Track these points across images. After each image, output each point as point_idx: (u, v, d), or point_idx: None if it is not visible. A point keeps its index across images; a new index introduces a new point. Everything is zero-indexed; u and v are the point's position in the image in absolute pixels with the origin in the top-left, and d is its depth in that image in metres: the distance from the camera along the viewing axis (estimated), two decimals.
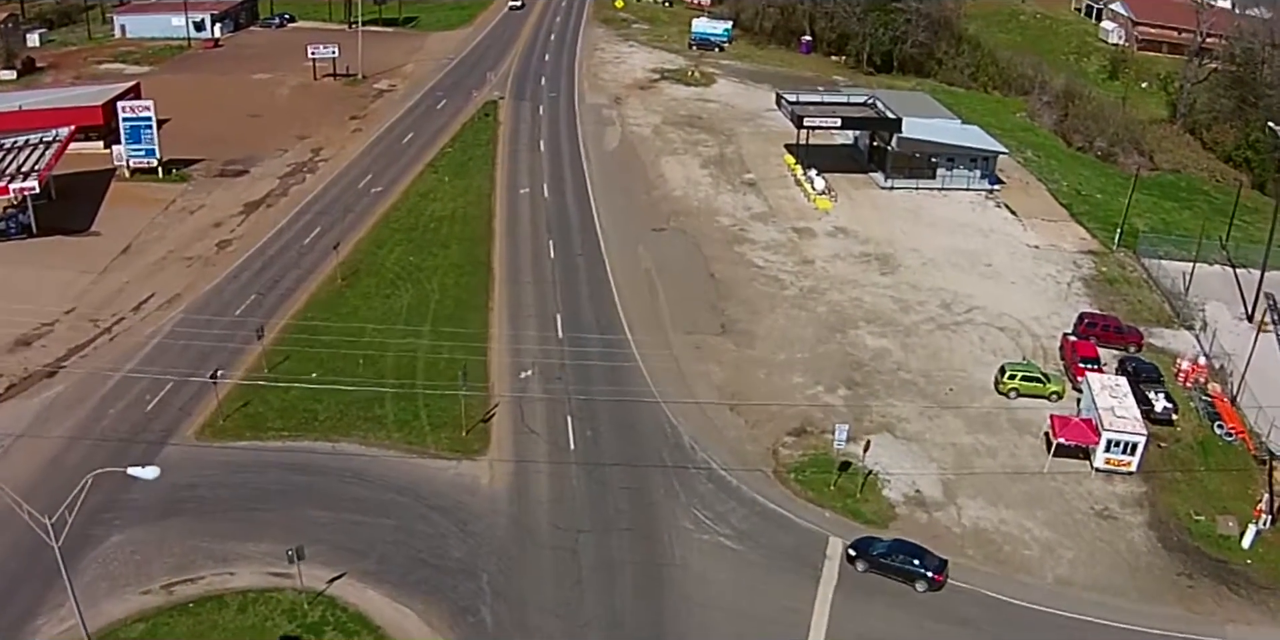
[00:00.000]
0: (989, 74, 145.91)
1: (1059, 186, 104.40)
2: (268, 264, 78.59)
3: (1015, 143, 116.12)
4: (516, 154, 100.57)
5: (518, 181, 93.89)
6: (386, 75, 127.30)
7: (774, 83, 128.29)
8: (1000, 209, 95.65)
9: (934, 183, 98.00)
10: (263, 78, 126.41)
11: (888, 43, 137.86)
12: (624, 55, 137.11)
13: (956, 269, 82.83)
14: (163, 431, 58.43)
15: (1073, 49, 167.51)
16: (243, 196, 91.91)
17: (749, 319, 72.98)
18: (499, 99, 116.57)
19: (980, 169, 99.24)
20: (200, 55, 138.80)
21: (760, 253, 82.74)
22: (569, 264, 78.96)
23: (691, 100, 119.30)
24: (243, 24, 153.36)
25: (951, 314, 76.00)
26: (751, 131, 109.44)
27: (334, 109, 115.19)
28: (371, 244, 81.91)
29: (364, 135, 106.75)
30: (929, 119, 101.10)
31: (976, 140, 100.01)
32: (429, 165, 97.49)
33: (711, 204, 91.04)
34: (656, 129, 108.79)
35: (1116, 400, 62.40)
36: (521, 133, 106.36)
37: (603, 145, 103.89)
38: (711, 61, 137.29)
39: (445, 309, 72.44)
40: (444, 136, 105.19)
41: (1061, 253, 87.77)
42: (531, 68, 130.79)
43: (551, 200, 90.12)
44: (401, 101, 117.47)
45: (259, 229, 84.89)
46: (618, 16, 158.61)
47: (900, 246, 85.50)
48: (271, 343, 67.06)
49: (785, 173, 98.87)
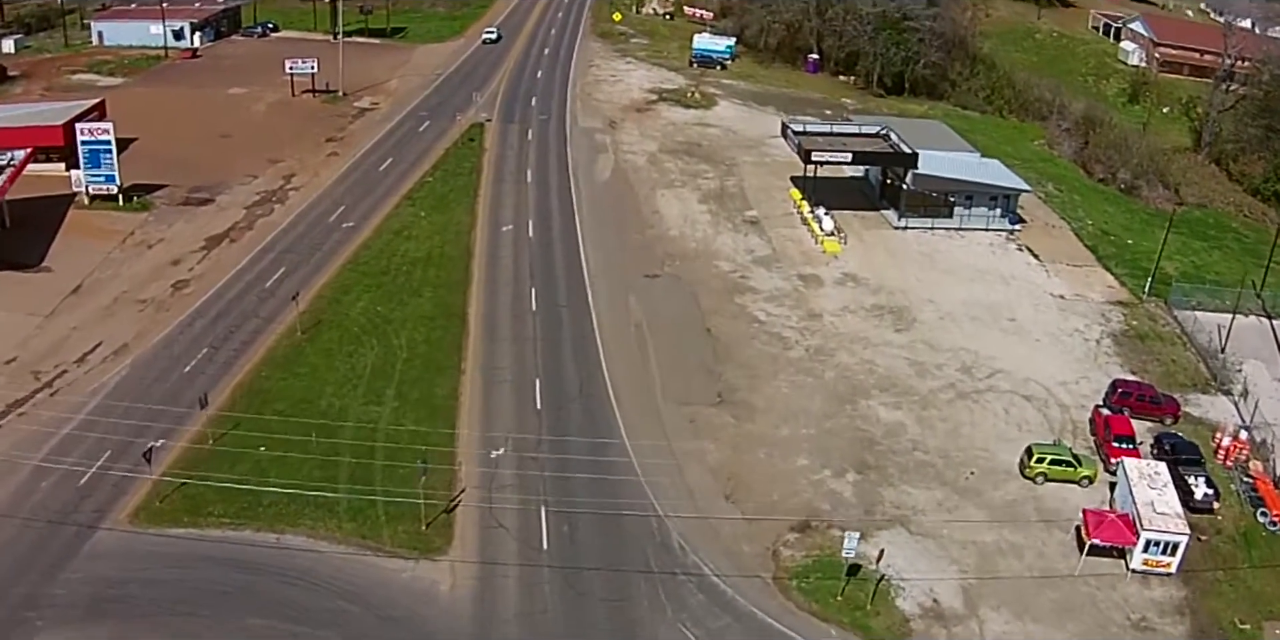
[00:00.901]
0: (1005, 97, 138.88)
1: (1083, 225, 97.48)
2: (224, 311, 71.88)
3: (1035, 175, 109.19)
4: (501, 185, 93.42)
5: (500, 217, 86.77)
6: (369, 92, 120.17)
7: (779, 105, 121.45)
8: (1022, 252, 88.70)
9: (951, 222, 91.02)
10: (239, 93, 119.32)
11: (899, 63, 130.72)
12: (621, 73, 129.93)
13: (977, 324, 75.89)
14: (95, 512, 52.49)
15: (1091, 70, 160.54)
16: (206, 229, 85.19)
17: (749, 386, 65.93)
18: (486, 121, 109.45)
19: (1001, 207, 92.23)
20: (177, 66, 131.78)
21: (763, 305, 75.68)
22: (552, 317, 71.90)
23: (691, 125, 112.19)
24: (224, 32, 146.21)
25: (972, 379, 69.04)
26: (754, 161, 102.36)
27: (310, 129, 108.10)
28: (337, 290, 74.89)
29: (340, 160, 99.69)
30: (946, 152, 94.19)
31: (997, 176, 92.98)
32: (406, 197, 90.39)
33: (710, 246, 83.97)
34: (653, 158, 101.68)
35: (1156, 492, 55.90)
36: (508, 160, 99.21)
37: (594, 176, 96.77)
38: (713, 80, 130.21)
39: (412, 370, 65.45)
40: (424, 163, 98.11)
41: (1089, 304, 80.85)
42: (522, 86, 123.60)
43: (536, 239, 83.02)
44: (382, 122, 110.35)
45: (219, 268, 78.24)
46: (616, 30, 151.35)
47: (916, 297, 78.50)
48: (220, 407, 60.65)
49: (790, 209, 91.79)
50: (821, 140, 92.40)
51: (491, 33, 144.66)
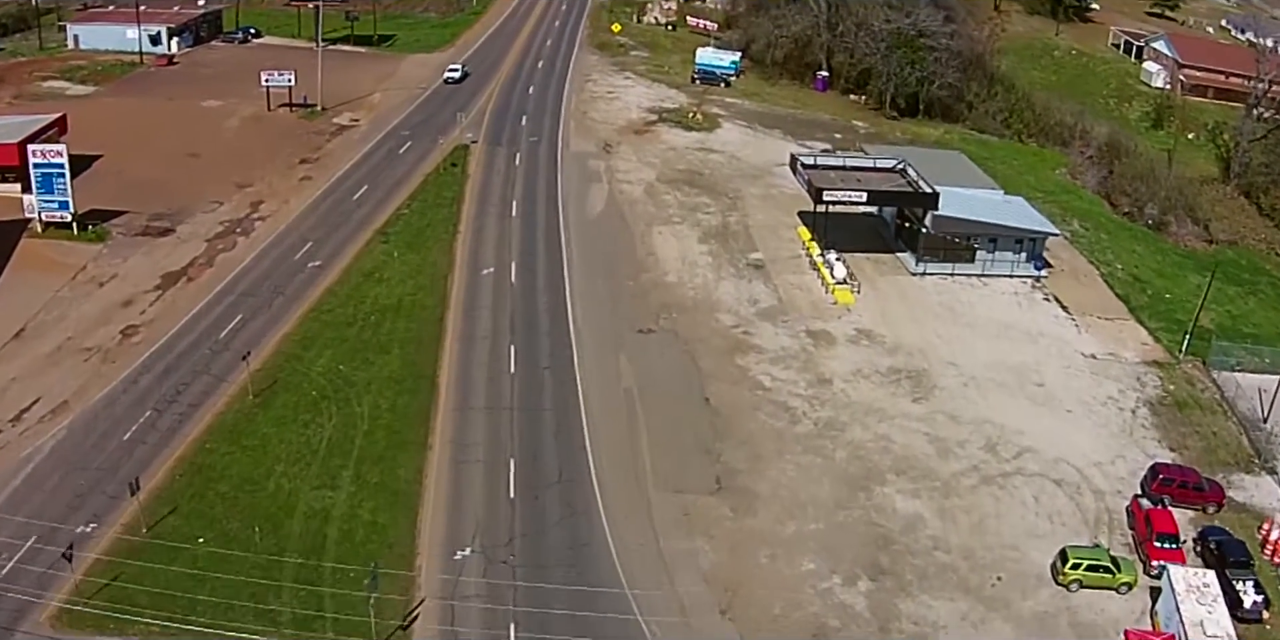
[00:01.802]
0: (1024, 120, 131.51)
1: (1112, 270, 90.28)
2: (174, 365, 64.88)
3: (1059, 210, 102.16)
4: (483, 219, 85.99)
5: (481, 258, 79.38)
6: (349, 106, 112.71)
7: (786, 128, 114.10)
8: (1050, 303, 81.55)
9: (972, 268, 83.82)
10: (212, 105, 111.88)
11: (914, 84, 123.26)
12: (618, 90, 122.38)
13: (1002, 391, 68.76)
14: (14, 612, 46.15)
15: (1112, 92, 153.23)
16: (163, 264, 78.25)
17: (751, 469, 58.75)
18: (471, 143, 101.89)
19: (1027, 251, 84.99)
20: (152, 74, 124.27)
21: (767, 367, 68.43)
22: (532, 381, 64.58)
23: (692, 150, 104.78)
24: (204, 37, 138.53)
25: (998, 460, 61.95)
26: (760, 193, 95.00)
27: (284, 148, 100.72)
28: (297, 343, 67.64)
29: (312, 185, 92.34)
30: (967, 189, 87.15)
31: (1023, 218, 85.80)
32: (379, 231, 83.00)
33: (711, 294, 76.66)
34: (650, 188, 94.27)
35: (1205, 608, 49.66)
36: (492, 190, 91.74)
37: (586, 209, 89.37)
38: (716, 98, 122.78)
39: (374, 446, 58.29)
40: (402, 191, 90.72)
41: (1122, 365, 73.75)
42: (513, 102, 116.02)
43: (519, 286, 75.66)
44: (361, 141, 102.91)
45: (173, 312, 71.20)
46: (615, 41, 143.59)
47: (935, 358, 71.30)
48: (159, 486, 53.94)
49: (799, 250, 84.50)
50: (834, 175, 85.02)
51: (455, 70, 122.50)
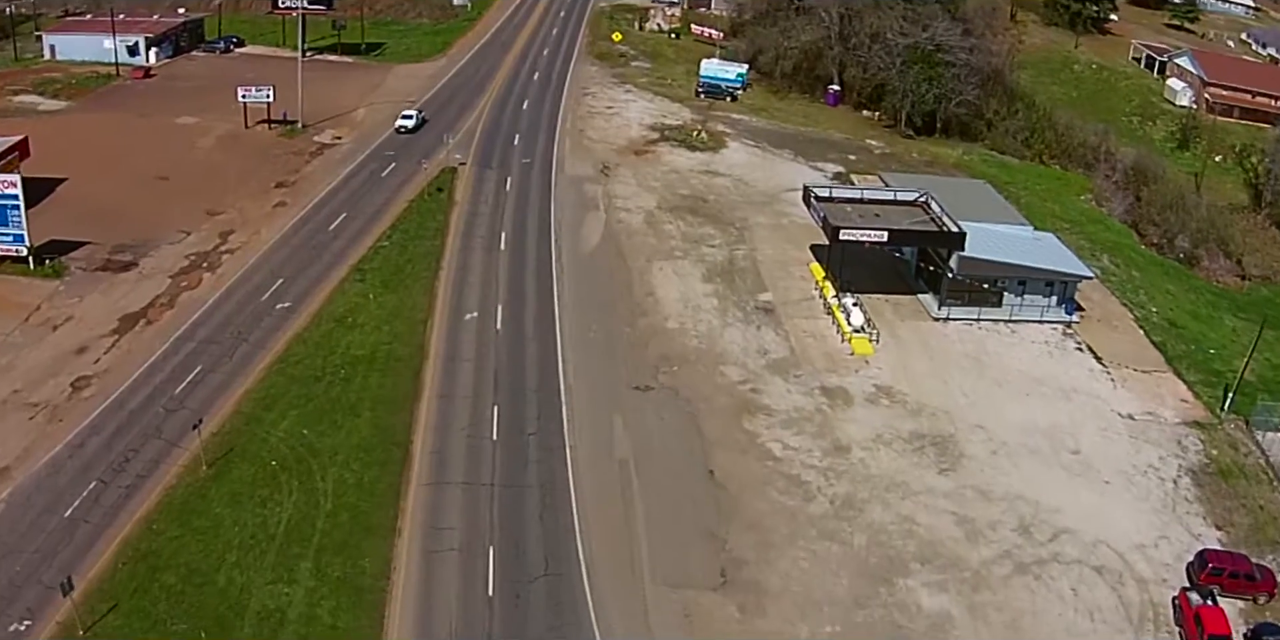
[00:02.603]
0: (1045, 140, 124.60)
1: (1146, 313, 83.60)
2: (125, 425, 58.63)
3: (1087, 243, 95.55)
4: (469, 253, 79.11)
5: (464, 300, 72.57)
6: (332, 123, 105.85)
7: (796, 148, 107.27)
8: (1083, 353, 74.82)
9: (1000, 312, 77.11)
10: (187, 122, 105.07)
11: (931, 102, 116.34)
12: (618, 104, 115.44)
13: (1035, 459, 62.19)
14: None
15: (1135, 109, 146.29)
16: (122, 304, 71.79)
17: (760, 558, 52.15)
18: (459, 165, 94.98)
19: (1058, 294, 78.25)
20: (127, 88, 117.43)
21: (778, 432, 61.73)
22: (517, 450, 57.86)
23: (696, 172, 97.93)
24: (184, 47, 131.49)
25: (1033, 543, 55.47)
26: (769, 223, 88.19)
27: (260, 171, 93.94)
28: (259, 402, 60.97)
29: (287, 213, 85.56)
30: (995, 225, 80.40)
31: (1054, 259, 78.95)
32: (355, 268, 76.19)
33: (716, 343, 69.89)
34: (650, 217, 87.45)
35: None
36: (480, 220, 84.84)
37: (580, 241, 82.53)
38: (722, 114, 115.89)
39: (337, 530, 51.75)
40: (383, 220, 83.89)
41: (1162, 426, 67.22)
42: (505, 119, 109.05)
43: (506, 333, 68.82)
44: (342, 162, 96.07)
45: (128, 362, 64.83)
46: (615, 51, 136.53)
47: (962, 421, 64.65)
48: (99, 575, 48.06)
49: (812, 290, 77.76)
50: (850, 210, 78.28)
51: (409, 118, 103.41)
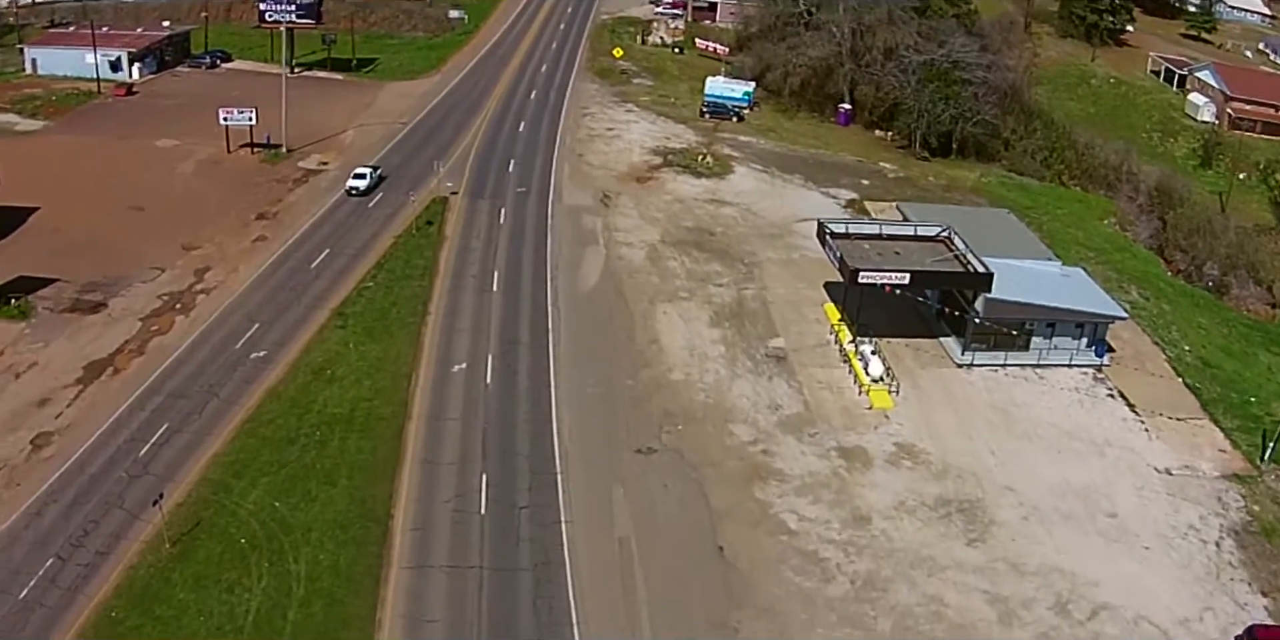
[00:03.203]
0: (1065, 160, 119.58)
1: (1179, 352, 78.50)
2: (85, 492, 53.90)
3: (1114, 273, 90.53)
4: (459, 295, 73.96)
5: (453, 349, 67.40)
6: (318, 147, 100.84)
7: (807, 172, 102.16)
8: (1115, 400, 69.75)
9: (1027, 357, 72.05)
10: (167, 146, 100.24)
11: (948, 122, 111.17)
12: (619, 126, 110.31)
13: (1070, 524, 57.30)
14: None
15: (1155, 125, 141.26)
16: (89, 349, 67.00)
17: None
18: (450, 195, 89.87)
19: (1088, 336, 73.14)
20: (107, 106, 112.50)
21: (792, 500, 56.63)
22: (507, 526, 52.76)
23: (702, 201, 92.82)
24: (169, 62, 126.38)
25: (1070, 623, 50.79)
26: (780, 258, 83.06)
27: (240, 200, 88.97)
28: (228, 467, 55.99)
29: (267, 248, 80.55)
30: (1021, 262, 75.40)
31: (1085, 298, 73.92)
32: (336, 312, 71.07)
33: (724, 397, 64.77)
34: (653, 252, 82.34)
35: None
36: (471, 256, 79.66)
37: (578, 280, 77.38)
38: (728, 135, 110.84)
39: (309, 622, 46.94)
40: (367, 258, 78.80)
41: (1200, 481, 62.35)
42: (500, 142, 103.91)
43: (496, 388, 63.66)
44: (327, 191, 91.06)
45: (91, 417, 60.06)
46: (616, 67, 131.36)
47: (990, 483, 59.60)
48: None
49: (827, 335, 72.64)
50: (868, 248, 73.12)
51: (361, 177, 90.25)
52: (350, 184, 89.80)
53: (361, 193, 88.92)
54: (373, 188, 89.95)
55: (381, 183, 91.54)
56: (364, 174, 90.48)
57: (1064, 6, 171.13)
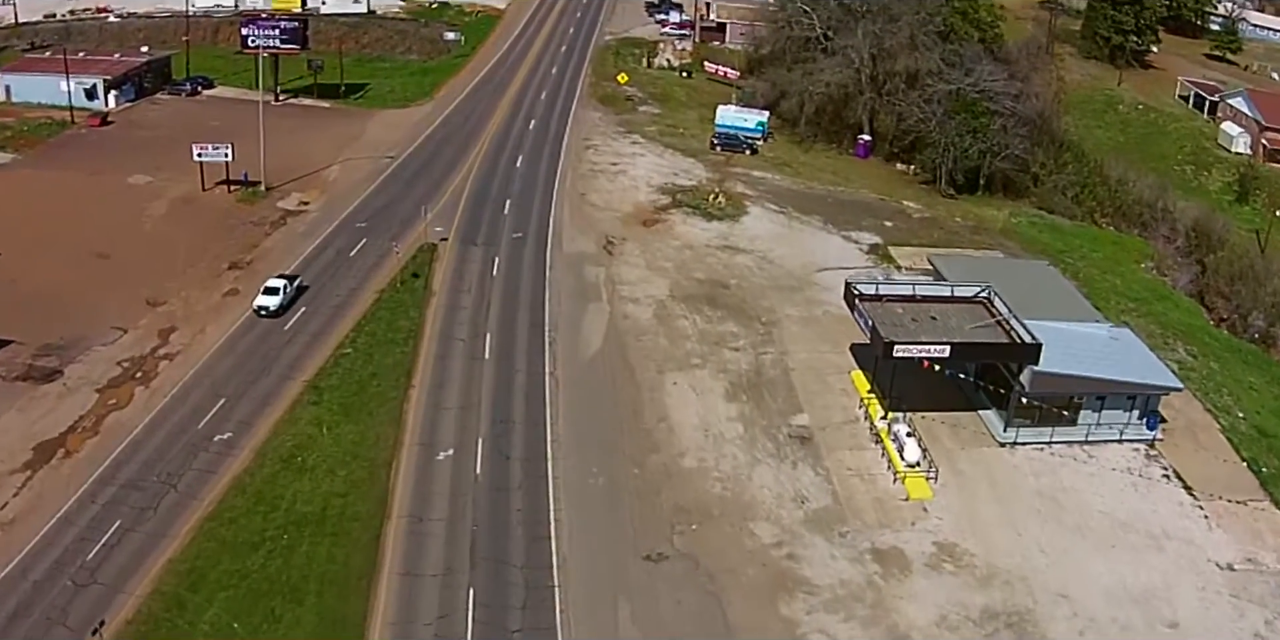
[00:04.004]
0: (1097, 197, 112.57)
1: (1233, 420, 71.65)
2: (25, 605, 47.47)
3: (1158, 328, 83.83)
4: (447, 364, 66.80)
5: (438, 431, 60.31)
6: (300, 184, 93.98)
7: (826, 213, 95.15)
8: (1169, 481, 62.95)
9: (1074, 432, 65.08)
10: (140, 182, 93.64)
11: (975, 156, 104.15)
12: (624, 160, 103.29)
13: (1128, 638, 50.08)
14: None
15: (1188, 156, 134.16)
16: (39, 427, 60.44)
17: None
18: (440, 241, 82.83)
19: (1139, 408, 66.16)
20: (80, 138, 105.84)
21: (821, 617, 49.68)
22: None
23: (714, 248, 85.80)
24: (148, 89, 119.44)
25: None
26: (800, 315, 76.01)
27: (213, 247, 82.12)
28: (183, 578, 49.39)
29: (238, 304, 73.67)
30: (1067, 324, 68.57)
31: (1138, 366, 67.02)
32: (310, 385, 64.04)
33: (743, 489, 57.73)
34: (662, 308, 75.29)
35: None
36: (461, 316, 72.50)
37: (580, 345, 70.29)
38: (741, 170, 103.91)
39: None
40: (347, 317, 71.77)
41: (1265, 577, 55.97)
42: (496, 179, 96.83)
43: (487, 481, 56.59)
44: (306, 236, 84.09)
45: (39, 510, 53.70)
46: (621, 94, 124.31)
47: (1041, 588, 52.87)
48: None
49: (856, 409, 65.62)
50: (902, 312, 66.08)
51: (273, 292, 72.15)
52: (259, 302, 71.07)
53: (273, 313, 70.66)
54: (288, 306, 71.71)
55: (302, 294, 73.25)
56: (276, 289, 71.72)
57: (1087, 27, 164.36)
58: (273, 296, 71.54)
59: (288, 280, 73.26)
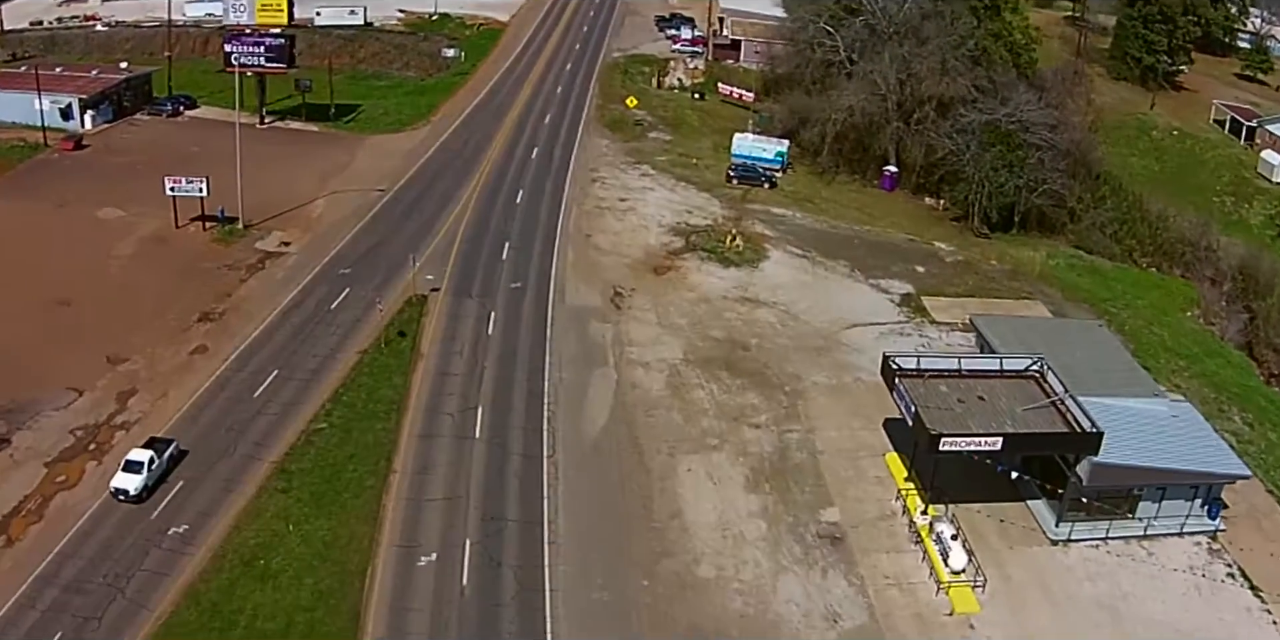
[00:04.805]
0: (1137, 234, 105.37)
1: None
2: None
3: (1211, 391, 77.26)
4: (432, 445, 59.51)
5: (421, 529, 53.20)
6: (281, 221, 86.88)
7: (853, 258, 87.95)
8: (1235, 582, 56.38)
9: (1132, 526, 58.22)
10: (110, 217, 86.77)
11: (1011, 192, 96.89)
12: (633, 194, 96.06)
13: None
14: None
15: (1227, 187, 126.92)
16: None
17: None
18: (431, 291, 75.67)
19: (1202, 496, 59.18)
20: (52, 164, 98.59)
21: None
22: None
23: (732, 301, 78.60)
24: (127, 108, 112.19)
25: None
26: (828, 383, 68.77)
27: (182, 295, 75.05)
28: None
29: (206, 365, 66.64)
30: (1122, 400, 61.66)
31: (1202, 451, 60.21)
32: (279, 468, 56.95)
33: (767, 604, 50.68)
34: (675, 375, 68.07)
35: None
36: (450, 385, 65.10)
37: (583, 421, 63.03)
38: (759, 206, 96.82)
39: None
40: (323, 383, 64.60)
41: None
42: (494, 218, 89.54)
43: (476, 593, 49.49)
44: (285, 284, 76.88)
45: None
46: (630, 118, 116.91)
47: None
48: None
49: (891, 499, 58.58)
50: (946, 390, 58.94)
51: (135, 469, 54.34)
52: (116, 483, 53.77)
53: (134, 497, 53.49)
54: (154, 486, 54.51)
55: (177, 465, 56.23)
56: (139, 464, 54.35)
57: (1116, 46, 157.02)
58: (134, 475, 53.81)
59: (156, 451, 55.23)
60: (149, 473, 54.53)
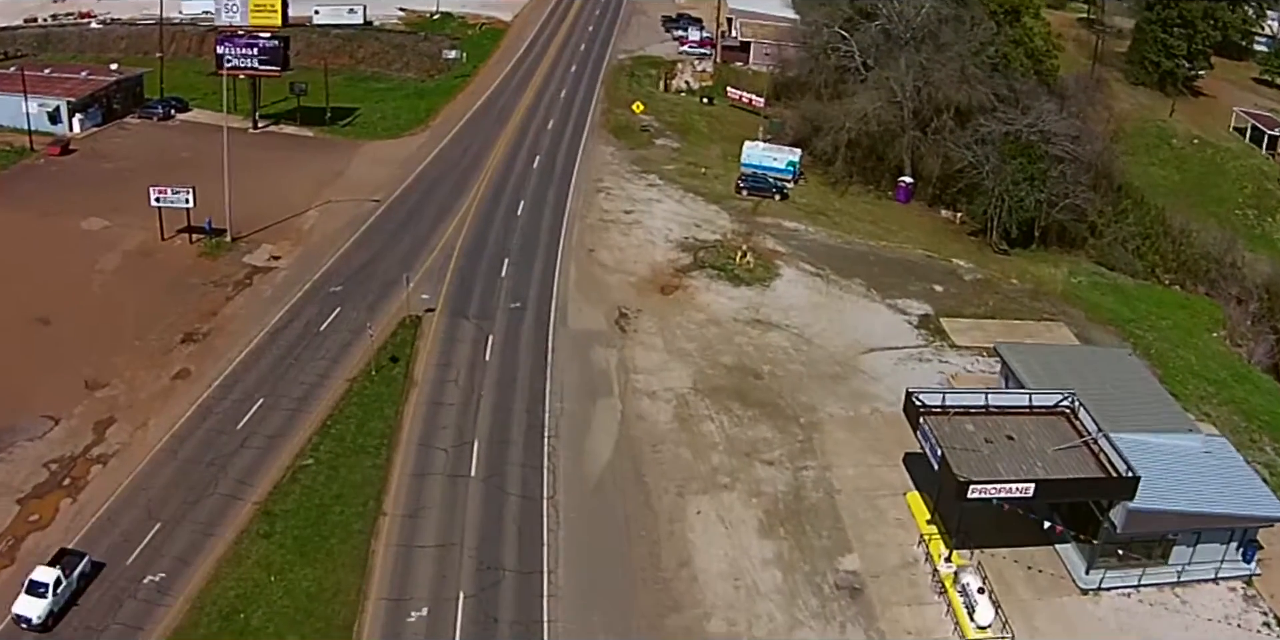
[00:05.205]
0: (1160, 250, 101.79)
1: None
2: None
3: (1242, 420, 74.19)
4: (425, 485, 56.00)
5: (412, 580, 49.77)
6: (271, 232, 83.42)
7: (869, 275, 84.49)
8: (1272, 632, 53.11)
9: (1165, 572, 55.08)
10: (94, 228, 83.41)
11: (1033, 207, 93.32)
12: (639, 207, 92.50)
13: None
14: None
15: (1249, 199, 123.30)
16: None
17: None
18: (426, 311, 72.17)
19: (1237, 539, 55.88)
20: (37, 170, 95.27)
21: None
22: None
23: (742, 323, 75.09)
24: (117, 111, 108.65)
25: None
26: (845, 415, 65.29)
27: (165, 313, 71.69)
28: None
29: (188, 391, 63.24)
30: (1155, 436, 58.34)
31: (1239, 492, 56.85)
32: (262, 510, 53.52)
33: None
34: (683, 406, 64.60)
35: None
36: (444, 417, 61.51)
37: (585, 457, 59.53)
38: (770, 219, 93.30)
39: None
40: (310, 414, 61.10)
41: None
42: (493, 232, 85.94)
43: None
44: (273, 302, 73.38)
45: None
46: (636, 124, 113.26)
47: None
48: None
49: (912, 544, 55.12)
50: (972, 430, 55.63)
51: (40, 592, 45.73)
52: (18, 610, 45.65)
53: (38, 626, 45.55)
54: (61, 613, 46.45)
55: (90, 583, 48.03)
56: (44, 587, 46.00)
57: (1134, 51, 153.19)
58: (38, 598, 45.57)
59: (64, 569, 46.92)
60: (55, 595, 45.84)
